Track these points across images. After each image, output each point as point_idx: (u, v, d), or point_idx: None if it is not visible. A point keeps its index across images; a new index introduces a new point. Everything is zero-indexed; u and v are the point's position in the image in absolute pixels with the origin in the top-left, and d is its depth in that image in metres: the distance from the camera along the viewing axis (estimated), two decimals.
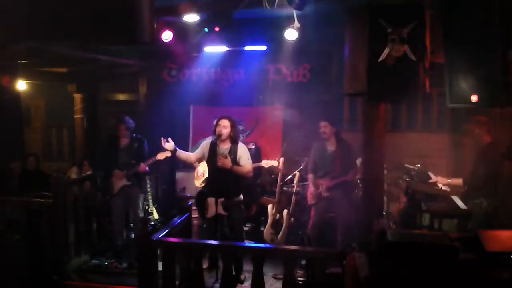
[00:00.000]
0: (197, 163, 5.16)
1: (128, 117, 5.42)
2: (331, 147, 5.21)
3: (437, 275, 2.63)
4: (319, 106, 6.33)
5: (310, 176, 5.35)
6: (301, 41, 5.83)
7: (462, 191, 4.67)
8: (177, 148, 4.75)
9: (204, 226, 5.02)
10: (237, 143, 4.70)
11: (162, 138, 4.69)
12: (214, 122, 4.69)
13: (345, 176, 5.11)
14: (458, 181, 4.68)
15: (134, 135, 5.42)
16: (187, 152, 5.02)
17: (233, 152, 4.63)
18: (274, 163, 5.19)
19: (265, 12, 5.40)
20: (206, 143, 4.80)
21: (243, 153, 4.67)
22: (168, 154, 4.89)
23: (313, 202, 5.23)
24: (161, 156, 5.03)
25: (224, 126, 4.61)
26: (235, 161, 4.62)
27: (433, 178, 4.88)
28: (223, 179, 4.58)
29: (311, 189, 5.28)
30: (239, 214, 4.73)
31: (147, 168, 5.26)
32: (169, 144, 4.67)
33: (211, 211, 4.64)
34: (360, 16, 4.19)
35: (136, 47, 6.04)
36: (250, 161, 4.71)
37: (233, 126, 4.66)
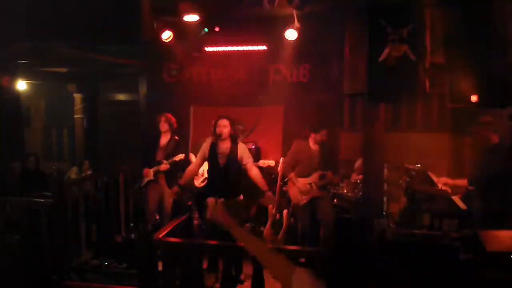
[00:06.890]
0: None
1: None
2: (314, 145, 5.18)
3: (437, 275, 2.63)
4: (319, 106, 6.33)
5: (293, 175, 5.20)
6: (301, 41, 5.84)
7: (467, 192, 4.62)
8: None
9: (203, 226, 5.01)
10: (237, 143, 4.70)
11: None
12: (213, 123, 4.69)
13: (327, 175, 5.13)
14: (463, 181, 4.63)
15: (174, 135, 5.51)
16: (193, 166, 4.94)
17: (233, 151, 4.64)
18: (271, 162, 5.13)
19: (265, 12, 5.41)
20: (205, 143, 4.80)
21: (244, 152, 4.68)
22: (182, 156, 5.25)
23: (304, 202, 5.12)
24: (178, 157, 5.28)
25: (224, 125, 4.62)
26: (236, 161, 4.62)
27: (436, 179, 4.82)
28: (223, 179, 4.58)
29: (296, 188, 5.15)
30: (239, 214, 4.73)
31: (168, 165, 5.34)
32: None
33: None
34: (360, 16, 4.19)
35: (136, 47, 6.03)
36: (251, 159, 4.72)
37: (232, 125, 4.67)
